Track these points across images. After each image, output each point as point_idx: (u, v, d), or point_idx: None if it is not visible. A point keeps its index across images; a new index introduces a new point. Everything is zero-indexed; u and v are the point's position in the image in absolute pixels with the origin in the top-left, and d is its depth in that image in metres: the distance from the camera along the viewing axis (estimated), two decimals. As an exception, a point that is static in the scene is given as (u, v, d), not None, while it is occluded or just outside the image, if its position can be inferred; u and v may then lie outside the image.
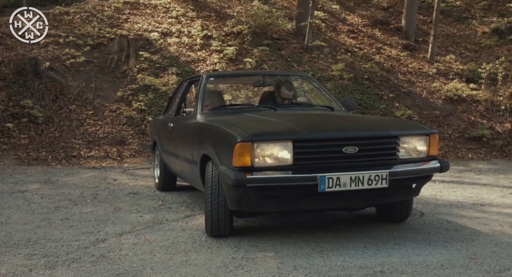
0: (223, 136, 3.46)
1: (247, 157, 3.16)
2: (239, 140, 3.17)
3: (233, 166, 3.18)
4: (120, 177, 6.67)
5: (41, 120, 8.64)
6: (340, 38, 12.96)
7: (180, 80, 10.11)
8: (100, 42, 10.93)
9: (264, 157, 3.22)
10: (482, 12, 14.89)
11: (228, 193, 3.40)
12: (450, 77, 11.65)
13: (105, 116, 9.18)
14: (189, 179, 4.69)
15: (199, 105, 4.34)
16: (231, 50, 10.99)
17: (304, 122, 3.73)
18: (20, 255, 3.33)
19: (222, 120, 3.86)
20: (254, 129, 3.37)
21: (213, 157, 3.54)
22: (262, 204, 3.35)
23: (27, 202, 5.04)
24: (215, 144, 3.57)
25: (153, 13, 12.40)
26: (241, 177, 3.12)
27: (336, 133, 3.45)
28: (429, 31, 13.32)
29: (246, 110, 4.40)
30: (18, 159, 7.73)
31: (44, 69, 9.62)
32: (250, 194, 3.24)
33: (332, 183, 3.16)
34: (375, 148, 3.42)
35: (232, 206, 3.41)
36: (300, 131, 3.33)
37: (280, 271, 2.97)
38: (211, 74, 5.02)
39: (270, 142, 3.24)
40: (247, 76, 5.93)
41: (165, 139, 5.35)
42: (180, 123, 4.77)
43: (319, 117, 4.20)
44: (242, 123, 3.59)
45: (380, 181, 3.23)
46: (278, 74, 5.87)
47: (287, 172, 3.21)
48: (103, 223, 4.18)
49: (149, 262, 3.17)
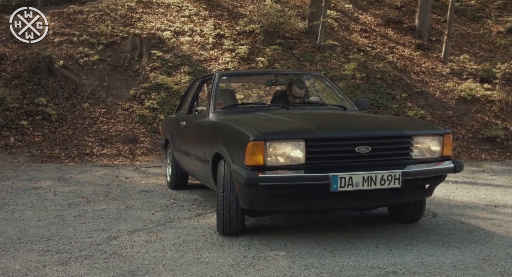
0: (235, 135, 3.45)
1: (259, 156, 3.15)
2: (252, 139, 3.16)
3: (245, 165, 3.18)
4: (132, 175, 6.71)
5: (55, 118, 8.73)
6: (353, 37, 12.89)
7: (192, 79, 10.16)
8: (113, 41, 11.00)
9: (276, 156, 3.21)
10: (497, 11, 14.72)
11: (240, 192, 3.38)
12: (464, 77, 11.54)
13: (118, 115, 9.24)
14: (200, 178, 4.68)
15: (211, 104, 4.33)
16: (243, 49, 10.99)
17: (317, 121, 3.70)
18: (34, 251, 3.37)
19: (235, 119, 3.84)
20: (266, 128, 3.35)
21: (225, 156, 3.52)
22: (274, 203, 3.33)
23: (41, 199, 5.09)
24: (227, 142, 3.56)
25: (166, 12, 12.45)
26: (253, 176, 3.10)
27: (349, 132, 3.42)
28: (443, 30, 13.20)
29: (258, 109, 4.38)
30: (32, 156, 7.81)
31: (58, 67, 9.72)
32: (262, 193, 3.23)
33: (345, 183, 3.13)
34: (388, 148, 3.39)
35: (244, 205, 3.40)
36: (312, 130, 3.31)
37: (291, 270, 2.97)
38: (223, 72, 4.97)
39: (282, 141, 3.22)
40: (260, 75, 5.92)
41: (177, 138, 5.35)
42: (193, 122, 4.76)
43: (331, 116, 4.15)
44: (254, 122, 3.58)
45: (392, 181, 3.20)
46: (291, 73, 5.85)
47: (299, 171, 3.19)
48: (115, 221, 4.21)
49: (161, 259, 3.18)
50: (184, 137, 5.00)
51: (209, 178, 4.07)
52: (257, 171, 3.13)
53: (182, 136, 5.11)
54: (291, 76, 5.10)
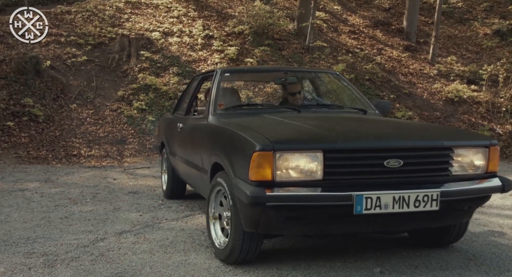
0: (237, 143, 2.92)
1: (267, 169, 2.62)
2: (258, 149, 2.63)
3: (249, 180, 2.66)
4: (120, 176, 6.67)
5: (42, 119, 8.65)
6: (341, 39, 12.96)
7: (181, 80, 10.13)
8: (101, 42, 10.94)
9: (287, 169, 2.67)
10: (483, 14, 14.89)
11: (243, 212, 2.82)
12: (451, 79, 11.65)
13: (106, 116, 9.19)
14: (198, 188, 4.21)
15: (211, 104, 3.77)
16: (232, 50, 10.99)
17: (337, 128, 3.14)
18: (19, 253, 3.33)
19: (238, 122, 3.32)
20: (275, 135, 2.81)
21: (225, 167, 3.02)
22: (284, 226, 2.78)
23: (27, 201, 5.04)
24: (228, 151, 3.05)
25: (154, 13, 12.40)
26: (260, 194, 2.58)
27: (377, 142, 2.81)
28: (430, 32, 13.32)
29: (265, 111, 3.86)
30: (18, 158, 7.73)
31: (45, 68, 9.63)
32: (270, 214, 2.68)
33: (371, 204, 2.60)
34: (423, 162, 2.83)
35: (247, 227, 2.83)
36: (332, 139, 2.75)
37: (279, 271, 2.97)
38: (226, 68, 4.38)
39: (295, 152, 2.67)
40: (267, 72, 5.23)
41: (174, 141, 4.87)
42: (190, 124, 4.28)
43: (352, 121, 3.53)
44: (261, 127, 3.05)
45: (429, 203, 2.66)
46: (302, 71, 5.28)
47: (316, 189, 2.65)
48: (102, 222, 4.18)
49: (148, 261, 3.17)
50: (181, 141, 4.53)
51: (207, 189, 3.58)
52: (264, 188, 2.61)
53: (178, 140, 4.63)
54: (299, 73, 4.66)
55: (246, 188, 2.64)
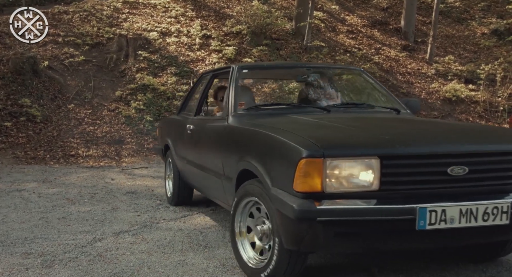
0: (277, 148, 2.56)
1: (316, 179, 2.29)
2: (305, 155, 2.29)
3: (294, 191, 2.32)
4: (118, 176, 6.66)
5: (39, 119, 8.63)
6: (339, 38, 12.96)
7: (178, 80, 10.13)
8: (99, 42, 10.93)
9: (339, 179, 2.33)
10: (481, 13, 14.92)
11: (285, 227, 2.46)
12: (448, 78, 11.67)
13: (104, 116, 9.18)
14: (214, 195, 3.82)
15: (231, 104, 3.44)
16: (230, 50, 10.99)
17: (390, 131, 2.76)
18: (17, 254, 3.33)
19: (268, 124, 2.96)
20: (323, 139, 2.46)
21: (259, 175, 2.67)
22: (332, 243, 2.41)
23: (25, 201, 5.03)
24: (264, 157, 2.68)
25: (152, 13, 12.40)
26: (309, 208, 2.25)
27: (439, 146, 2.46)
28: (428, 31, 13.34)
29: (291, 111, 3.50)
30: (16, 158, 7.72)
31: (43, 68, 9.62)
32: (318, 230, 2.33)
33: (436, 218, 2.27)
34: (490, 169, 2.48)
35: (289, 244, 2.47)
36: (390, 143, 2.43)
37: (277, 271, 2.97)
38: (243, 65, 4.00)
39: (348, 158, 2.35)
40: (288, 69, 4.77)
41: (182, 144, 4.50)
42: (204, 126, 3.90)
43: (398, 123, 3.15)
44: (301, 130, 2.70)
45: (499, 216, 2.34)
46: (326, 67, 4.88)
47: (370, 201, 2.32)
48: (100, 222, 4.17)
49: (146, 261, 3.16)
50: (192, 144, 4.17)
51: (229, 198, 3.24)
52: (313, 201, 2.27)
53: (188, 143, 4.28)
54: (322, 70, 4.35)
55: (292, 201, 2.30)
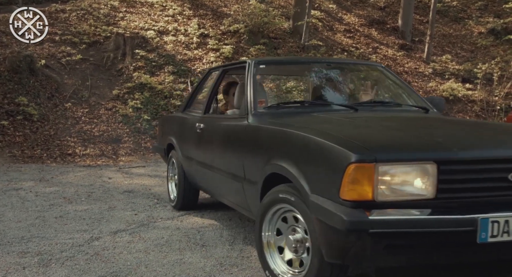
0: (317, 151, 2.33)
1: (366, 186, 2.07)
2: (355, 159, 2.07)
3: (340, 199, 2.11)
4: (115, 175, 6.65)
5: (36, 117, 8.61)
6: (337, 38, 12.97)
7: (176, 78, 10.12)
8: (96, 40, 10.90)
9: (391, 186, 2.12)
10: (478, 13, 14.95)
11: (327, 239, 2.24)
12: (446, 77, 11.69)
13: (101, 114, 9.16)
14: (231, 200, 3.57)
15: (250, 102, 3.22)
16: (227, 49, 10.98)
17: (437, 132, 2.56)
18: (13, 253, 3.32)
19: (299, 123, 2.75)
20: (373, 141, 2.26)
21: (294, 180, 2.44)
22: (381, 256, 2.17)
23: (21, 200, 5.01)
24: (300, 161, 2.45)
25: (149, 11, 12.37)
26: (361, 219, 2.03)
27: (499, 150, 2.27)
28: (425, 31, 13.36)
29: (316, 109, 3.28)
30: (12, 157, 7.70)
31: (40, 66, 9.59)
32: (367, 242, 2.10)
33: (498, 230, 2.06)
34: None
35: (331, 257, 2.25)
36: (447, 147, 2.21)
37: (274, 269, 2.97)
38: (260, 59, 3.74)
39: (402, 164, 2.13)
40: (307, 64, 4.41)
41: (189, 144, 4.26)
42: (218, 125, 3.69)
43: (439, 123, 2.96)
44: (340, 130, 2.50)
45: None
46: (347, 62, 4.71)
47: (425, 211, 2.10)
48: (97, 221, 4.17)
49: (143, 260, 3.16)
50: (202, 145, 3.94)
51: (251, 204, 3.04)
52: (363, 210, 2.06)
53: (198, 143, 4.03)
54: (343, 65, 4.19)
55: (339, 210, 2.08)
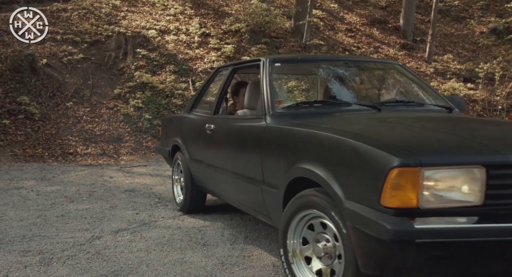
0: (354, 154, 2.17)
1: (410, 192, 1.92)
2: (398, 164, 1.92)
3: (381, 206, 1.96)
4: (116, 174, 6.65)
5: (38, 117, 8.62)
6: (338, 37, 12.96)
7: (177, 78, 10.12)
8: (98, 39, 10.91)
9: (436, 192, 1.97)
10: (480, 12, 14.93)
11: (364, 248, 2.08)
12: (447, 77, 11.67)
13: (102, 114, 9.16)
14: (247, 205, 3.40)
15: (267, 102, 3.07)
16: (229, 48, 10.98)
17: (476, 134, 2.41)
18: (15, 251, 3.32)
19: (326, 124, 2.61)
20: (416, 144, 2.13)
21: (325, 185, 2.28)
22: (425, 267, 1.98)
23: (23, 199, 5.02)
24: (332, 164, 2.30)
25: (151, 11, 12.38)
26: (407, 228, 1.88)
27: None
28: (427, 30, 13.34)
29: (338, 109, 3.14)
30: (14, 156, 7.71)
31: (41, 66, 9.60)
32: (410, 253, 1.93)
33: None
34: None
35: (368, 269, 2.10)
36: (495, 150, 2.07)
37: (276, 268, 2.97)
38: (275, 57, 3.59)
39: (449, 168, 1.97)
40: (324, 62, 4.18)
41: (198, 146, 4.13)
42: (231, 126, 3.56)
43: (471, 124, 2.84)
44: (375, 132, 2.36)
45: None
46: (365, 61, 4.59)
47: (472, 219, 1.98)
48: (99, 220, 4.17)
49: (144, 259, 3.16)
50: (213, 146, 3.80)
51: (271, 209, 2.89)
52: (408, 219, 1.92)
53: (208, 144, 3.89)
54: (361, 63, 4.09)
55: (381, 218, 1.94)
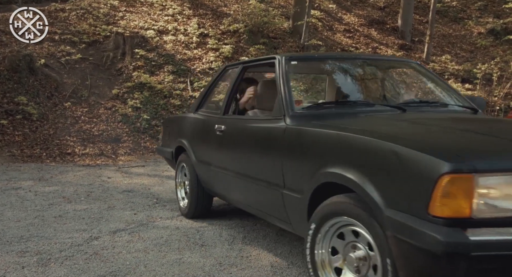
0: (396, 159, 1.99)
1: (463, 201, 1.78)
2: (449, 169, 1.77)
3: (430, 215, 1.81)
4: (114, 174, 6.64)
5: (36, 117, 8.60)
6: (336, 37, 12.97)
7: (175, 78, 10.11)
8: (96, 40, 10.89)
9: (490, 200, 1.82)
10: (478, 13, 14.96)
11: (408, 260, 1.93)
12: (445, 77, 11.69)
13: (100, 114, 9.15)
14: (261, 209, 3.21)
15: (285, 102, 2.91)
16: (227, 48, 10.98)
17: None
18: (12, 252, 3.31)
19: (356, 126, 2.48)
20: (464, 148, 1.99)
21: (361, 191, 2.11)
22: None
23: (21, 199, 5.01)
24: (370, 170, 2.12)
25: (149, 11, 12.37)
26: (461, 240, 1.73)
27: None
28: (425, 31, 13.36)
29: (360, 110, 2.98)
30: (12, 156, 7.69)
31: (39, 66, 9.58)
32: (461, 267, 1.80)
33: None
34: None
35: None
36: None
37: (274, 269, 2.97)
38: (292, 55, 3.38)
39: (505, 174, 1.82)
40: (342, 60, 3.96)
41: (206, 147, 3.95)
42: (244, 127, 3.38)
43: (504, 125, 2.75)
44: (418, 135, 2.22)
45: None
46: (382, 59, 4.40)
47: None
48: (96, 221, 4.16)
49: (142, 260, 3.16)
50: (225, 148, 3.64)
51: (292, 215, 2.72)
52: (461, 230, 1.78)
53: (218, 146, 3.72)
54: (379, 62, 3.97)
55: (431, 229, 1.78)
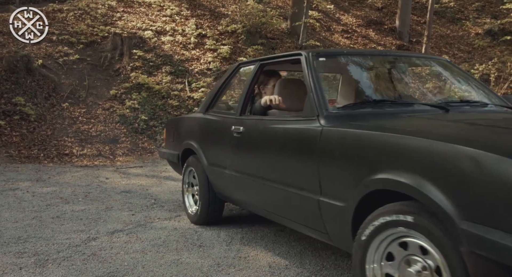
0: (470, 163, 1.78)
1: None
2: None
3: None
4: (112, 175, 6.64)
5: (33, 117, 8.59)
6: (334, 38, 12.98)
7: (173, 78, 10.10)
8: (94, 40, 10.88)
9: None
10: (475, 14, 14.99)
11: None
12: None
13: (98, 114, 9.14)
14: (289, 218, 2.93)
15: (317, 101, 2.69)
16: (225, 49, 10.98)
17: None
18: (10, 253, 3.31)
19: (409, 127, 2.30)
20: None
21: (427, 201, 1.90)
22: None
23: (18, 200, 5.00)
24: (440, 177, 1.89)
25: (147, 11, 12.36)
26: None
27: None
28: (422, 31, 13.38)
29: (399, 110, 2.80)
30: (9, 157, 7.67)
31: (37, 66, 9.57)
32: None
33: None
34: None
35: None
36: None
37: (272, 269, 2.97)
38: (320, 52, 3.14)
39: None
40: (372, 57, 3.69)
41: (221, 150, 3.73)
42: (267, 128, 3.10)
43: None
44: (485, 138, 2.06)
45: None
46: (413, 56, 4.23)
47: None
48: (94, 222, 4.16)
49: (140, 260, 3.15)
50: (244, 151, 3.41)
51: (330, 225, 2.51)
52: None
53: (236, 149, 3.49)
54: (410, 59, 3.81)
55: None
